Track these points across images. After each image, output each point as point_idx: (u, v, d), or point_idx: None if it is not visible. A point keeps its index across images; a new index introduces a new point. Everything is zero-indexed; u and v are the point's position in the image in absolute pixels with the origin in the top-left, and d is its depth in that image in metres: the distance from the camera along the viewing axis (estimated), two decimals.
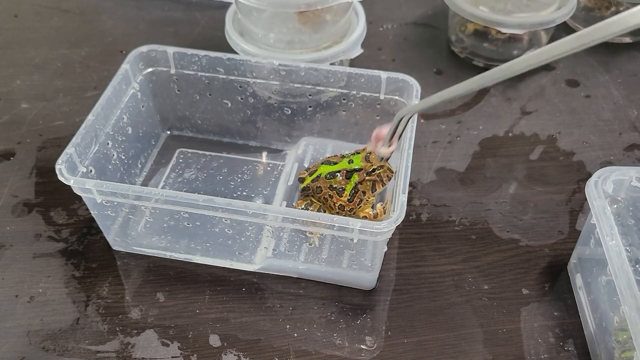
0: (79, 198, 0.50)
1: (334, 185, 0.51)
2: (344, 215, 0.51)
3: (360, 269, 0.49)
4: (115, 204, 0.49)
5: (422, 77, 0.69)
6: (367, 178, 0.51)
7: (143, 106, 0.59)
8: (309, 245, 0.51)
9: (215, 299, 0.50)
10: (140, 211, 0.52)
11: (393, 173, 0.52)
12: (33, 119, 0.66)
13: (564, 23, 0.75)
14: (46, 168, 0.60)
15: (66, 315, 0.48)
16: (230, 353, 0.46)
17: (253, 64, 0.56)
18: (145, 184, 0.58)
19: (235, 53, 0.59)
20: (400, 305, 0.50)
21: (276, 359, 0.46)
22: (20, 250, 0.53)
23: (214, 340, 0.47)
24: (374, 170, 0.51)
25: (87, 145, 0.50)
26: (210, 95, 0.60)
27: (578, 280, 0.50)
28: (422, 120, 0.66)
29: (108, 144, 0.53)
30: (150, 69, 0.58)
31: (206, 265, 0.52)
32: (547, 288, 0.51)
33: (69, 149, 0.47)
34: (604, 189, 0.44)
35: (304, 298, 0.50)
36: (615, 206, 0.46)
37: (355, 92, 0.56)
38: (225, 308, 0.49)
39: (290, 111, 0.60)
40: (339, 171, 0.52)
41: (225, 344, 0.47)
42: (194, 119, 0.62)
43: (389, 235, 0.44)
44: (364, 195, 0.52)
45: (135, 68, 0.56)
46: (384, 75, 0.54)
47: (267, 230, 0.51)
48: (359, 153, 0.53)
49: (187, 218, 0.48)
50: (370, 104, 0.57)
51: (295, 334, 0.48)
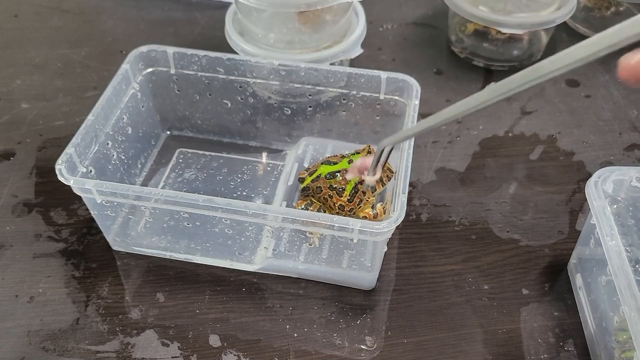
0: (79, 198, 0.50)
1: (334, 185, 0.51)
2: (344, 216, 0.51)
3: (360, 269, 0.49)
4: (115, 204, 0.49)
5: (422, 77, 0.69)
6: None
7: (143, 106, 0.59)
8: (309, 245, 0.51)
9: (215, 299, 0.50)
10: (140, 211, 0.52)
11: (393, 173, 0.52)
12: (33, 119, 0.66)
13: (564, 23, 0.75)
14: (46, 168, 0.60)
15: (66, 315, 0.48)
16: (230, 353, 0.46)
17: (253, 64, 0.56)
18: (145, 184, 0.58)
19: (235, 53, 0.59)
20: (400, 305, 0.50)
21: (276, 359, 0.46)
22: (20, 250, 0.53)
23: (214, 340, 0.47)
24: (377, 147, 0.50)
25: (87, 145, 0.50)
26: (210, 95, 0.60)
27: (578, 280, 0.50)
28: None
29: (108, 144, 0.53)
30: (150, 69, 0.58)
31: (206, 265, 0.52)
32: (547, 288, 0.51)
33: (69, 149, 0.47)
34: (604, 189, 0.44)
35: (304, 298, 0.50)
36: (615, 206, 0.46)
37: (355, 92, 0.56)
38: (225, 308, 0.49)
39: (290, 111, 0.60)
40: (339, 171, 0.52)
41: (225, 344, 0.47)
42: (194, 119, 0.62)
43: (389, 235, 0.44)
44: (364, 195, 0.52)
45: (135, 68, 0.56)
46: (384, 75, 0.54)
47: (267, 230, 0.51)
48: (359, 153, 0.53)
49: (187, 218, 0.48)
50: (370, 104, 0.57)
51: (295, 334, 0.48)
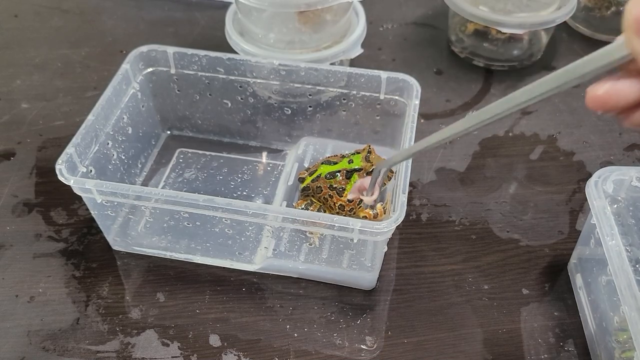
0: (79, 198, 0.50)
1: (334, 185, 0.51)
2: (344, 215, 0.51)
3: (360, 269, 0.49)
4: (115, 204, 0.49)
5: (422, 77, 0.69)
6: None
7: (143, 106, 0.59)
8: (309, 245, 0.51)
9: (215, 299, 0.50)
10: (140, 211, 0.52)
11: (393, 173, 0.52)
12: (33, 119, 0.66)
13: (564, 23, 0.75)
14: (46, 168, 0.60)
15: (66, 315, 0.48)
16: (230, 353, 0.46)
17: (253, 64, 0.56)
18: (145, 184, 0.58)
19: (235, 53, 0.59)
20: (400, 305, 0.50)
21: (276, 359, 0.46)
22: (21, 250, 0.53)
23: (214, 340, 0.47)
24: (373, 170, 0.51)
25: (87, 145, 0.50)
26: (210, 95, 0.60)
27: (578, 280, 0.50)
28: (422, 121, 0.66)
29: (108, 144, 0.53)
30: (150, 69, 0.58)
31: (206, 265, 0.52)
32: (547, 288, 0.51)
33: (69, 149, 0.47)
34: (604, 189, 0.44)
35: (304, 298, 0.50)
36: (616, 206, 0.46)
37: (355, 92, 0.56)
38: (225, 308, 0.49)
39: (290, 111, 0.60)
40: (339, 171, 0.52)
41: (225, 344, 0.47)
42: (194, 119, 0.62)
43: (389, 235, 0.44)
44: (359, 183, 0.51)
45: (135, 68, 0.56)
46: (384, 75, 0.54)
47: (267, 230, 0.51)
48: (359, 153, 0.53)
49: (187, 218, 0.48)
50: (370, 103, 0.57)
51: (295, 334, 0.48)
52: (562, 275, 0.52)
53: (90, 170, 0.50)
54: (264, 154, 0.62)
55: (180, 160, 0.61)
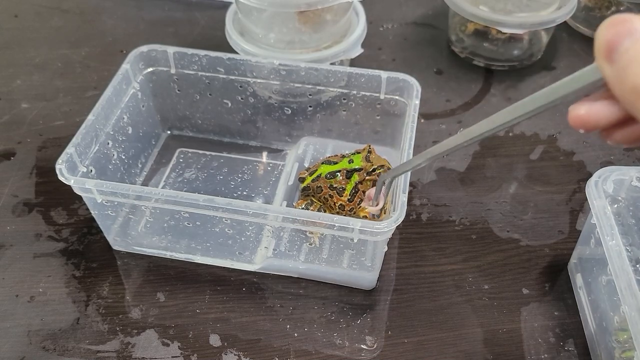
0: (79, 198, 0.50)
1: (334, 185, 0.51)
2: (344, 215, 0.51)
3: (361, 269, 0.49)
4: (116, 203, 0.49)
5: (422, 77, 0.69)
6: (367, 178, 0.51)
7: (143, 106, 0.59)
8: (309, 245, 0.51)
9: (215, 298, 0.50)
10: (140, 211, 0.52)
11: (391, 168, 0.52)
12: (33, 119, 0.66)
13: (565, 23, 0.75)
14: (46, 168, 0.60)
15: (66, 315, 0.48)
16: (231, 353, 0.46)
17: (253, 64, 0.56)
18: (145, 183, 0.58)
19: (235, 53, 0.59)
20: (400, 305, 0.50)
21: (276, 359, 0.46)
22: (21, 250, 0.53)
23: (214, 340, 0.47)
24: (374, 170, 0.51)
25: (87, 145, 0.50)
26: (210, 95, 0.60)
27: (578, 280, 0.50)
28: (422, 120, 0.66)
29: (108, 143, 0.53)
30: (150, 69, 0.58)
31: (206, 265, 0.52)
32: (548, 288, 0.51)
33: (69, 149, 0.47)
34: (604, 188, 0.44)
35: (304, 298, 0.50)
36: (616, 206, 0.46)
37: (355, 92, 0.56)
38: (226, 308, 0.49)
39: (290, 111, 0.60)
40: (339, 171, 0.52)
41: (225, 344, 0.47)
42: (194, 118, 0.62)
43: (389, 235, 0.44)
44: (364, 195, 0.52)
45: (135, 68, 0.56)
46: (384, 75, 0.54)
47: (268, 230, 0.51)
48: (359, 153, 0.53)
49: (188, 218, 0.48)
50: (370, 103, 0.57)
51: (295, 334, 0.48)
52: (562, 275, 0.52)
53: (91, 170, 0.50)
54: (264, 153, 0.62)
55: (181, 160, 0.61)
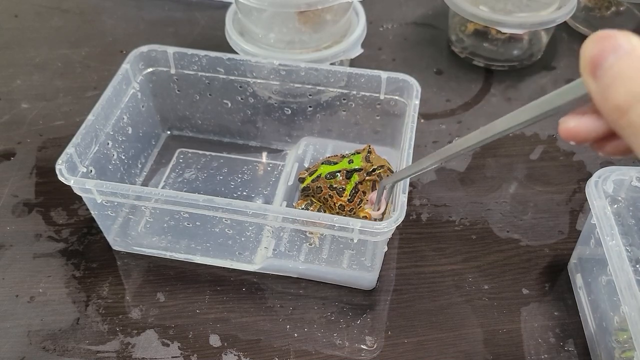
0: (79, 198, 0.50)
1: (334, 185, 0.51)
2: (344, 215, 0.51)
3: (361, 269, 0.49)
4: (116, 204, 0.49)
5: (422, 77, 0.69)
6: (367, 178, 0.51)
7: (143, 106, 0.59)
8: (309, 245, 0.51)
9: (215, 299, 0.50)
10: (140, 211, 0.52)
11: (393, 173, 0.52)
12: (33, 119, 0.66)
13: (564, 23, 0.75)
14: (46, 168, 0.60)
15: (66, 315, 0.48)
16: (231, 353, 0.46)
17: (253, 64, 0.56)
18: (145, 184, 0.58)
19: (235, 53, 0.59)
20: (400, 305, 0.50)
21: (276, 359, 0.46)
22: (21, 250, 0.53)
23: (214, 340, 0.47)
24: (374, 170, 0.51)
25: (87, 145, 0.50)
26: (210, 95, 0.60)
27: (578, 280, 0.50)
28: (422, 121, 0.66)
29: (108, 144, 0.53)
30: (150, 69, 0.58)
31: (206, 265, 0.52)
32: (547, 288, 0.51)
33: (69, 149, 0.47)
34: (604, 188, 0.44)
35: (304, 298, 0.50)
36: (616, 206, 0.46)
37: (355, 92, 0.56)
38: (226, 308, 0.49)
39: (290, 111, 0.60)
40: (339, 171, 0.52)
41: (225, 344, 0.47)
42: (194, 119, 0.62)
43: (389, 235, 0.44)
44: (364, 196, 0.52)
45: (135, 68, 0.56)
46: (384, 75, 0.54)
47: (267, 230, 0.51)
48: (359, 153, 0.53)
49: (187, 218, 0.48)
50: (370, 103, 0.57)
51: (295, 334, 0.48)
52: (562, 275, 0.52)
53: (91, 171, 0.50)
54: (264, 154, 0.62)
55: (180, 160, 0.61)
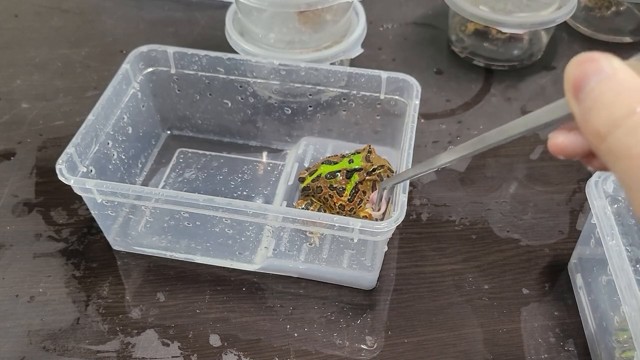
0: (79, 198, 0.50)
1: (334, 185, 0.51)
2: (344, 215, 0.51)
3: (361, 269, 0.49)
4: (116, 203, 0.49)
5: (422, 77, 0.69)
6: (368, 178, 0.51)
7: (143, 106, 0.59)
8: (309, 245, 0.51)
9: (215, 298, 0.50)
10: (140, 211, 0.52)
11: (393, 173, 0.52)
12: (33, 118, 0.66)
13: (565, 23, 0.75)
14: (46, 168, 0.60)
15: (66, 315, 0.48)
16: (231, 353, 0.46)
17: (253, 64, 0.56)
18: (145, 183, 0.58)
19: (235, 53, 0.59)
20: (400, 305, 0.50)
21: (276, 359, 0.46)
22: (21, 250, 0.53)
23: (214, 340, 0.47)
24: (374, 170, 0.51)
25: (87, 145, 0.50)
26: (210, 95, 0.60)
27: (578, 280, 0.50)
28: (423, 120, 0.66)
29: (108, 143, 0.53)
30: (150, 69, 0.58)
31: (206, 265, 0.52)
32: (548, 288, 0.51)
33: (69, 149, 0.47)
34: (605, 188, 0.44)
35: (304, 298, 0.50)
36: (616, 206, 0.46)
37: (355, 92, 0.56)
38: (226, 308, 0.49)
39: (290, 111, 0.60)
40: (339, 171, 0.52)
41: (225, 344, 0.47)
42: (194, 118, 0.62)
43: (389, 235, 0.44)
44: (364, 195, 0.52)
45: (135, 68, 0.56)
46: (384, 75, 0.54)
47: (268, 230, 0.51)
48: (359, 153, 0.53)
49: (188, 218, 0.48)
50: (370, 103, 0.57)
51: (295, 334, 0.48)
52: (562, 275, 0.52)
53: (91, 170, 0.50)
54: (264, 153, 0.62)
55: (181, 160, 0.61)
